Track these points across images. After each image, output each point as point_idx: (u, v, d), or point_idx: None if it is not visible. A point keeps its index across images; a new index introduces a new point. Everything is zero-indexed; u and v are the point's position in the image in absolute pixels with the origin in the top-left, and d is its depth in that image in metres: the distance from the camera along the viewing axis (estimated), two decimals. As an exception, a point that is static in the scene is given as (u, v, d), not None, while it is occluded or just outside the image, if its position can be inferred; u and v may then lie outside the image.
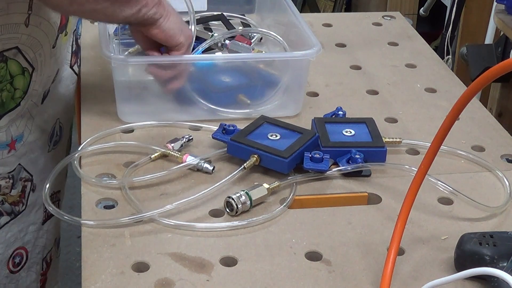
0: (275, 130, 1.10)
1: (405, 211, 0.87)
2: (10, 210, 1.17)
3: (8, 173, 1.14)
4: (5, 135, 1.11)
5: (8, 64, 1.06)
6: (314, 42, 1.17)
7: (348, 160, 1.06)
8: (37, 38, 1.08)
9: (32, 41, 1.08)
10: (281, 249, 0.92)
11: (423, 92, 1.31)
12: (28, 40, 1.07)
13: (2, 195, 1.14)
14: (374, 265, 0.89)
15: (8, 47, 1.05)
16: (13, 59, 1.07)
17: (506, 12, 1.79)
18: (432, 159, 0.86)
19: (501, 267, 0.83)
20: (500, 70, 0.75)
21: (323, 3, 3.32)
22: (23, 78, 1.09)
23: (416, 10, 2.89)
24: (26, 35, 1.06)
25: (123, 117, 1.16)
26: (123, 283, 0.85)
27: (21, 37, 1.06)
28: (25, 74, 1.09)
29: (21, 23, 1.05)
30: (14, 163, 1.14)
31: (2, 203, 1.15)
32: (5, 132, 1.11)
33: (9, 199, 1.16)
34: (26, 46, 1.07)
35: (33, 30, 1.07)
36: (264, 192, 0.99)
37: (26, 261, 1.23)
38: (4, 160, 1.13)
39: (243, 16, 1.44)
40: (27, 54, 1.08)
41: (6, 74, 1.07)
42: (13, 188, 1.16)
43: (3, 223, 1.16)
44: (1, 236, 1.16)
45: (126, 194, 0.99)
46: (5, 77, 1.07)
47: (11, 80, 1.07)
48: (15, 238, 1.19)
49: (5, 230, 1.17)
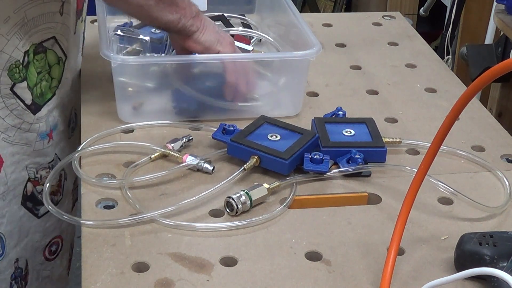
0: (275, 131, 1.10)
1: (405, 211, 0.88)
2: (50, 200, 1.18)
3: (48, 163, 1.19)
4: (45, 125, 1.16)
5: (47, 54, 1.10)
6: (314, 42, 1.17)
7: (348, 160, 1.06)
8: (69, 25, 1.12)
9: (65, 30, 1.11)
10: (281, 249, 0.92)
11: (423, 92, 1.31)
12: (62, 29, 1.10)
13: (42, 184, 1.17)
14: (374, 265, 0.89)
15: (46, 37, 1.09)
16: (51, 49, 1.10)
17: (506, 12, 1.79)
18: (432, 159, 0.86)
19: (501, 267, 0.83)
20: (500, 70, 0.75)
21: (323, 3, 3.32)
22: (58, 67, 1.14)
23: (416, 10, 2.89)
24: (60, 23, 1.10)
25: (123, 117, 1.16)
26: (123, 283, 0.85)
27: (56, 26, 1.09)
28: (60, 63, 1.14)
29: (57, 12, 1.08)
30: (52, 152, 1.19)
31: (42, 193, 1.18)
32: (45, 122, 1.16)
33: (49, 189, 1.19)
34: (61, 35, 1.11)
35: (65, 18, 1.11)
36: (264, 192, 0.99)
37: (61, 249, 1.29)
38: (45, 150, 1.18)
39: (243, 16, 1.44)
40: (62, 43, 1.12)
41: (45, 64, 1.11)
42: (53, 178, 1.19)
43: (43, 212, 1.21)
44: (40, 225, 1.21)
45: (126, 194, 0.99)
46: (45, 67, 1.11)
47: (49, 70, 1.12)
48: (54, 227, 1.24)
49: (44, 220, 1.21)
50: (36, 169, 1.17)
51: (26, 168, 1.16)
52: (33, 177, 1.17)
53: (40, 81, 1.11)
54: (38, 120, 1.15)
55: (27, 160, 1.16)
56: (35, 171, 1.17)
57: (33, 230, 1.20)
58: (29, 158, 1.16)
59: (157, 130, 1.15)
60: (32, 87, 1.11)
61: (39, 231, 1.22)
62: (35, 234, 1.21)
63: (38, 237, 1.22)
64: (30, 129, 1.14)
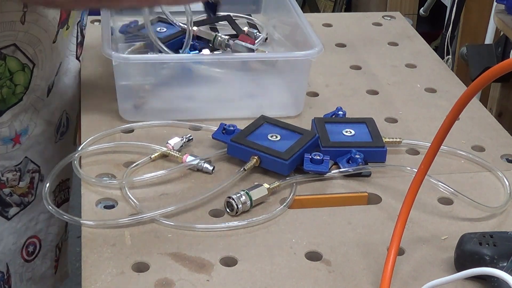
0: (275, 131, 1.10)
1: (405, 211, 0.88)
2: (20, 201, 1.19)
3: (14, 166, 1.16)
4: (8, 130, 1.12)
5: (7, 61, 1.07)
6: (315, 42, 1.17)
7: (348, 160, 1.06)
8: (35, 34, 1.09)
9: (30, 38, 1.09)
10: (281, 249, 0.92)
11: (423, 92, 1.31)
12: (25, 37, 1.08)
13: (10, 187, 1.16)
14: (374, 265, 0.89)
15: (5, 44, 1.06)
16: (12, 56, 1.08)
17: (506, 12, 1.79)
18: (432, 159, 0.86)
19: (501, 267, 0.83)
20: (500, 70, 0.75)
21: (323, 3, 3.33)
22: (23, 74, 1.10)
23: (416, 10, 2.89)
24: (23, 32, 1.07)
25: (124, 116, 1.16)
26: (123, 283, 0.85)
27: (17, 35, 1.07)
28: (26, 70, 1.10)
29: (17, 21, 1.05)
30: (21, 156, 1.16)
31: (11, 195, 1.17)
32: (8, 127, 1.12)
33: (17, 191, 1.18)
34: (24, 43, 1.08)
35: (30, 27, 1.08)
36: (264, 192, 0.99)
37: (40, 249, 1.26)
38: (9, 154, 1.14)
39: (249, 17, 1.44)
40: (26, 51, 1.09)
41: (5, 71, 1.08)
42: (21, 180, 1.17)
43: (12, 214, 1.18)
44: (11, 226, 1.19)
45: (126, 194, 0.99)
46: (4, 73, 1.08)
47: (10, 77, 1.09)
48: (26, 227, 1.21)
49: (15, 221, 1.19)
50: (1, 172, 1.15)
51: None
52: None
53: (0, 88, 1.08)
54: None
55: None
56: (0, 174, 1.15)
57: (6, 233, 1.18)
58: None
59: (157, 130, 1.15)
60: None
61: (11, 233, 1.19)
62: (9, 237, 1.19)
63: (12, 239, 1.20)
64: None
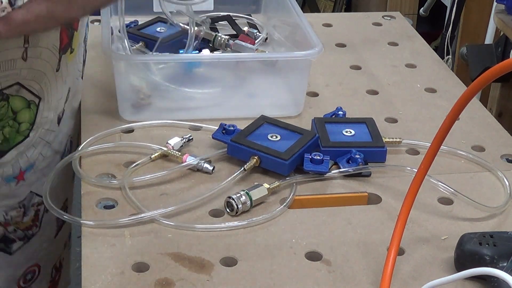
0: (275, 131, 1.10)
1: (405, 211, 0.88)
2: (23, 236, 1.14)
3: (18, 203, 1.11)
4: (11, 168, 1.07)
5: (10, 101, 1.02)
6: (315, 42, 1.17)
7: (348, 160, 1.06)
8: (39, 69, 1.03)
9: (35, 73, 1.03)
10: (281, 249, 0.92)
11: (423, 92, 1.31)
12: (29, 73, 1.02)
13: (14, 224, 1.12)
14: (374, 265, 0.89)
15: (7, 84, 1.01)
16: (16, 95, 1.02)
17: (506, 12, 1.79)
18: (432, 159, 0.86)
19: (501, 267, 0.83)
20: (500, 70, 0.75)
21: (323, 3, 3.33)
22: (28, 111, 1.05)
23: (416, 10, 2.89)
24: (26, 69, 1.01)
25: (124, 116, 1.16)
26: (123, 283, 0.85)
27: (20, 72, 1.01)
28: (31, 106, 1.05)
29: (18, 58, 0.99)
30: (25, 192, 1.11)
31: (15, 231, 1.13)
32: (12, 166, 1.07)
33: (21, 226, 1.13)
34: (29, 79, 1.03)
35: (33, 62, 1.02)
36: (264, 192, 0.99)
37: (38, 276, 1.21)
38: (13, 192, 1.09)
39: (249, 17, 1.44)
40: (31, 87, 1.04)
41: (8, 111, 1.02)
42: (25, 216, 1.13)
43: (15, 248, 1.14)
44: (13, 259, 1.14)
45: (126, 194, 0.99)
46: (7, 114, 1.02)
47: (14, 116, 1.03)
48: (28, 258, 1.17)
49: (17, 254, 1.15)
50: (5, 211, 1.10)
51: None
52: (2, 220, 1.11)
53: (1, 129, 1.03)
54: (1, 165, 1.06)
55: None
56: (4, 214, 1.10)
57: (5, 266, 1.14)
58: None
59: (157, 130, 1.14)
60: None
61: (11, 266, 1.15)
62: (8, 269, 1.15)
63: (11, 272, 1.16)
64: None
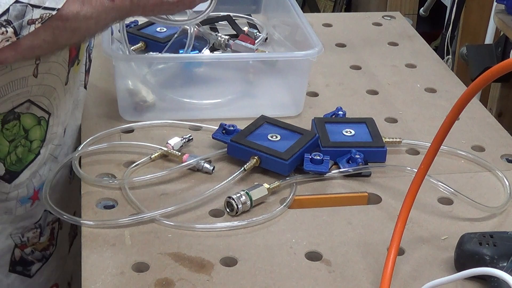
0: (275, 131, 1.10)
1: (405, 211, 0.88)
2: (41, 257, 1.13)
3: (34, 224, 1.10)
4: (26, 189, 1.06)
5: (22, 119, 1.00)
6: (315, 42, 1.17)
7: (348, 160, 1.06)
8: (49, 84, 1.02)
9: (45, 89, 1.01)
10: (281, 249, 0.92)
11: (423, 92, 1.31)
12: (40, 89, 1.00)
13: (31, 245, 1.10)
14: (374, 265, 0.89)
15: (18, 103, 0.99)
16: (27, 113, 1.00)
17: (506, 12, 1.79)
18: (432, 159, 0.86)
19: (501, 267, 0.83)
20: (500, 70, 0.75)
21: (323, 3, 3.32)
22: (39, 128, 1.03)
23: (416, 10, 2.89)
24: (37, 85, 1.00)
25: (124, 116, 1.16)
26: (123, 283, 0.85)
27: (31, 89, 0.99)
28: (42, 123, 1.03)
29: (29, 76, 0.98)
30: (40, 211, 1.10)
31: (32, 253, 1.11)
32: (26, 187, 1.06)
33: (38, 247, 1.12)
34: (39, 96, 1.01)
35: (43, 78, 1.00)
36: (264, 192, 0.99)
37: None
38: (28, 213, 1.08)
39: (249, 17, 1.44)
40: (41, 103, 1.02)
41: (19, 130, 1.01)
42: (42, 236, 1.11)
43: (35, 270, 1.13)
44: (34, 282, 1.13)
45: (126, 194, 0.99)
46: (19, 133, 1.01)
47: (25, 135, 1.02)
48: (47, 279, 1.15)
49: (37, 276, 1.13)
50: (21, 233, 1.09)
51: (11, 236, 1.07)
52: (19, 242, 1.09)
53: (14, 149, 1.01)
54: (16, 187, 1.04)
55: (10, 228, 1.07)
56: (20, 236, 1.09)
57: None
58: (12, 225, 1.07)
59: (157, 130, 1.14)
60: (4, 158, 1.01)
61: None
62: None
63: None
64: (7, 198, 1.04)
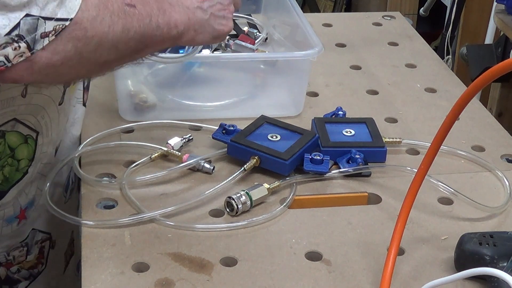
0: (275, 131, 1.10)
1: (405, 211, 0.87)
2: (28, 275, 1.11)
3: (21, 242, 1.08)
4: (12, 208, 1.04)
5: (7, 137, 0.98)
6: (315, 42, 1.17)
7: (348, 160, 1.06)
8: (37, 103, 1.00)
9: (32, 108, 0.99)
10: (281, 249, 0.92)
11: (423, 92, 1.31)
12: (27, 108, 0.98)
13: (17, 264, 1.09)
14: (374, 265, 0.89)
15: (3, 121, 0.97)
16: (12, 131, 0.98)
17: (506, 12, 1.79)
18: (432, 159, 0.86)
19: (501, 267, 0.83)
20: (500, 70, 0.75)
21: (323, 3, 3.32)
22: (26, 146, 1.01)
23: (416, 10, 2.89)
24: (24, 105, 0.98)
25: (124, 116, 1.16)
26: (123, 283, 0.85)
27: (18, 108, 0.97)
28: (29, 141, 1.01)
29: (17, 96, 0.96)
30: (27, 230, 1.08)
31: (19, 271, 1.10)
32: (13, 206, 1.04)
33: (25, 266, 1.10)
34: (25, 114, 0.99)
35: (32, 97, 0.98)
36: (264, 192, 0.99)
37: None
38: (14, 232, 1.06)
39: (249, 17, 1.44)
40: (27, 121, 1.00)
41: (5, 149, 0.98)
42: (29, 254, 1.10)
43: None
44: None
45: (126, 194, 0.99)
46: (4, 152, 0.99)
47: (12, 154, 1.00)
48: None
49: None
50: (7, 252, 1.06)
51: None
52: (4, 260, 1.07)
53: (1, 168, 0.99)
54: (2, 206, 1.02)
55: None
56: (6, 254, 1.06)
57: None
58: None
59: (157, 130, 1.14)
60: None
61: None
62: None
63: None
64: None
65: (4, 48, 0.77)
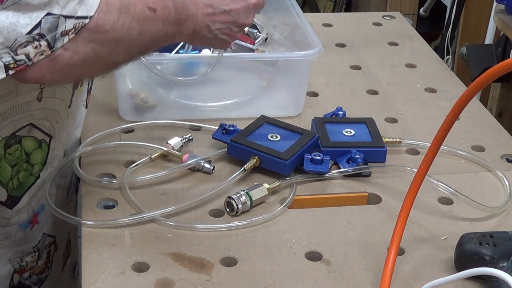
0: (275, 131, 1.10)
1: (405, 211, 0.87)
2: (37, 280, 1.11)
3: (33, 248, 1.08)
4: (26, 214, 1.04)
5: (23, 143, 0.98)
6: (315, 42, 1.16)
7: (348, 160, 1.06)
8: (52, 108, 1.00)
9: (47, 112, 0.99)
10: (281, 249, 0.92)
11: (423, 92, 1.31)
12: (42, 113, 0.98)
13: (29, 269, 1.09)
14: (374, 265, 0.89)
15: (20, 126, 0.97)
16: (28, 136, 0.98)
17: (506, 12, 1.79)
18: (432, 159, 0.86)
19: (501, 267, 0.83)
20: (500, 70, 0.75)
21: (323, 3, 3.32)
22: (40, 151, 1.01)
23: (416, 10, 2.89)
24: (40, 109, 0.98)
25: (124, 116, 1.16)
26: (123, 283, 0.85)
27: (34, 113, 0.97)
28: (42, 146, 1.01)
29: (33, 100, 0.96)
30: (38, 236, 1.08)
31: (30, 277, 1.10)
32: (27, 211, 1.04)
33: (36, 271, 1.11)
34: (41, 119, 0.99)
35: (47, 102, 0.98)
36: (264, 192, 0.99)
37: None
38: (28, 237, 1.06)
39: None
40: (43, 126, 1.00)
41: (21, 154, 0.99)
42: (39, 259, 1.10)
43: None
44: None
45: (126, 194, 0.99)
46: (21, 157, 0.99)
47: (27, 159, 1.00)
48: None
49: None
50: (20, 258, 1.06)
51: (10, 261, 1.05)
52: (18, 267, 1.07)
53: (16, 174, 0.99)
54: (17, 212, 1.02)
55: (9, 253, 1.05)
56: (19, 260, 1.06)
57: None
58: (11, 249, 1.05)
59: (157, 130, 1.14)
60: (7, 183, 0.99)
61: None
62: None
63: None
64: (8, 223, 1.02)
65: (25, 46, 0.78)
